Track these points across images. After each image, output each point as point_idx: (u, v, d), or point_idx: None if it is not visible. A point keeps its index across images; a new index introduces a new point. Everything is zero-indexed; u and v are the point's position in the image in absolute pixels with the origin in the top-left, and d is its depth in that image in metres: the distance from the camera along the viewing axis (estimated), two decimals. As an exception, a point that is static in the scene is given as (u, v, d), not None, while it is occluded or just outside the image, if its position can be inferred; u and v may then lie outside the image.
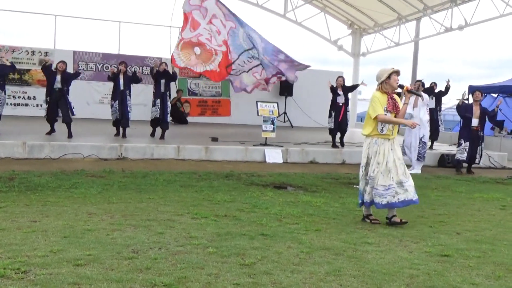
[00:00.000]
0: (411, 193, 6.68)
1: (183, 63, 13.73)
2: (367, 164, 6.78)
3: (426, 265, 5.00)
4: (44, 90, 13.38)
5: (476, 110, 12.37)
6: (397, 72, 6.74)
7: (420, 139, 12.26)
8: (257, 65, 13.88)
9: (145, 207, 6.91)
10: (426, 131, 12.36)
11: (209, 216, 6.51)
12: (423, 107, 12.15)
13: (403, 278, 4.59)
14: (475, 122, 12.37)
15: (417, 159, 12.33)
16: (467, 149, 12.39)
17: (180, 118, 19.23)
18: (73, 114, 12.56)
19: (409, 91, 6.91)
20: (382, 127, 6.71)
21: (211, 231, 5.83)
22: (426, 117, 12.33)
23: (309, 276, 4.52)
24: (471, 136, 12.37)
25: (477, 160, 12.70)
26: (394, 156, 6.71)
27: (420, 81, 13.49)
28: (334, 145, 13.86)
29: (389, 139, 6.74)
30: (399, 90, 7.02)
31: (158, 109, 13.34)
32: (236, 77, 14.21)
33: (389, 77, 6.69)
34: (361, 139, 7.72)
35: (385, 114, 6.66)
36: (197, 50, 13.97)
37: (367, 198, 6.79)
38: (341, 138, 14.08)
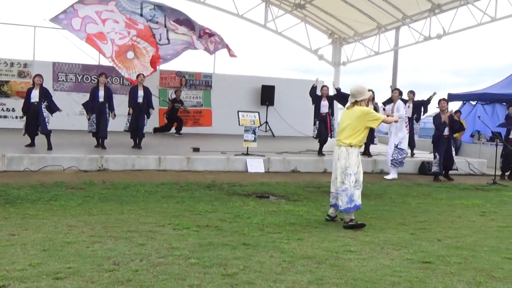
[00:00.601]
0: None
1: (134, 73, 14.12)
2: (359, 172, 7.19)
3: (408, 272, 5.02)
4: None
5: (444, 119, 12.56)
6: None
7: (396, 146, 12.47)
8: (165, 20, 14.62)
9: (126, 219, 6.85)
10: (402, 137, 12.53)
11: (190, 227, 6.48)
12: (402, 119, 12.32)
13: (385, 286, 4.60)
14: (446, 131, 12.58)
15: (391, 164, 12.53)
16: (439, 161, 12.61)
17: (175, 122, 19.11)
18: (45, 129, 12.38)
19: None
20: None
21: (192, 241, 5.80)
22: (405, 128, 12.68)
23: (291, 285, 4.51)
24: (445, 147, 12.63)
25: (455, 166, 12.89)
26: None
27: (397, 89, 13.52)
28: (320, 153, 13.90)
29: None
30: None
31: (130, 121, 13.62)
32: (167, 46, 14.59)
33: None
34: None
35: None
36: (130, 54, 14.27)
37: (360, 201, 7.17)
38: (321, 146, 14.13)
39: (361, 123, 7.16)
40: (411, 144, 15.18)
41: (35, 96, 12.35)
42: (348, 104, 7.42)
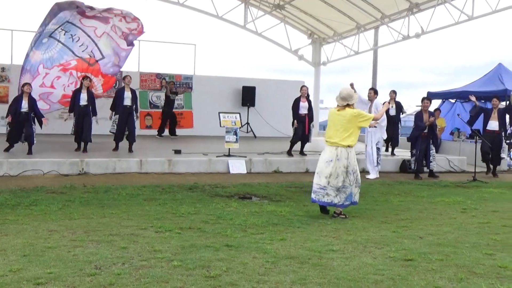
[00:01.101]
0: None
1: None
2: (357, 170, 7.75)
3: (390, 270, 5.04)
4: (2, 106, 13.08)
5: (427, 118, 12.73)
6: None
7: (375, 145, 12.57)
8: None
9: (108, 222, 6.80)
10: (380, 137, 12.63)
11: (173, 229, 6.45)
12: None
13: (368, 284, 4.61)
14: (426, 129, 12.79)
15: (377, 164, 12.62)
16: (420, 158, 12.80)
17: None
18: (32, 140, 12.31)
19: None
20: None
21: (175, 244, 5.77)
22: (384, 123, 12.78)
23: (275, 286, 4.51)
24: (423, 144, 12.81)
25: (432, 166, 13.01)
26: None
27: (372, 88, 13.55)
28: (289, 153, 13.90)
29: None
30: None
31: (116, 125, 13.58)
32: (104, 60, 14.56)
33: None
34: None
35: None
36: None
37: (357, 198, 7.81)
38: (302, 147, 14.09)
39: (354, 124, 7.61)
40: (394, 144, 15.37)
41: (24, 106, 12.28)
42: (337, 106, 7.75)
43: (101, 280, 4.50)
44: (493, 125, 13.03)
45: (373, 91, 13.06)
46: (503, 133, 13.53)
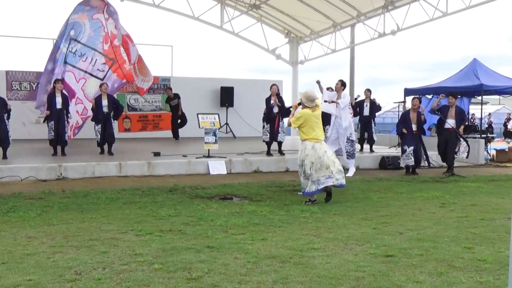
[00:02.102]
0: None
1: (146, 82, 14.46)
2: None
3: (371, 266, 5.07)
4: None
5: (414, 117, 12.82)
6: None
7: (348, 138, 12.46)
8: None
9: (88, 227, 6.74)
10: (352, 130, 12.64)
11: (153, 232, 6.42)
12: (345, 107, 12.40)
13: (349, 281, 4.64)
14: (414, 127, 12.88)
15: (348, 158, 12.54)
16: (412, 154, 12.79)
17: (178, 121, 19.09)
18: (8, 141, 12.27)
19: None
20: None
21: (156, 247, 5.74)
22: (349, 116, 12.66)
23: (256, 286, 4.51)
24: (415, 141, 12.83)
25: (424, 163, 13.08)
26: None
27: (340, 80, 13.45)
28: (268, 153, 13.90)
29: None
30: None
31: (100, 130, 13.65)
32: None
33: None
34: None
35: None
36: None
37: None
38: (279, 147, 14.05)
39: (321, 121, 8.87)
40: (371, 142, 15.46)
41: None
42: (311, 106, 8.70)
43: (82, 285, 4.46)
44: (450, 122, 13.02)
45: (340, 83, 12.84)
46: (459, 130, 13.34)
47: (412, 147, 12.79)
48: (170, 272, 4.84)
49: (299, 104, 8.96)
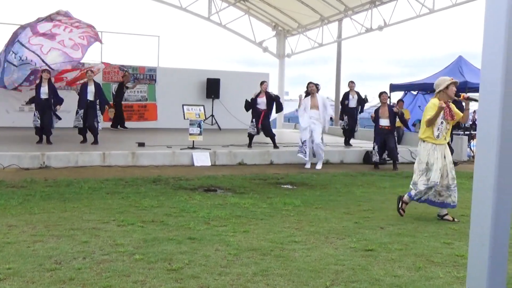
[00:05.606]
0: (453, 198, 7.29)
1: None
2: (428, 170, 7.25)
3: (351, 260, 5.12)
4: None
5: (385, 111, 12.88)
6: (454, 83, 7.16)
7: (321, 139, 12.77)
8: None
9: (69, 216, 6.72)
10: (326, 127, 13.03)
11: (135, 223, 6.42)
12: (327, 107, 12.79)
13: (328, 274, 4.67)
14: (385, 122, 12.95)
15: (320, 154, 12.78)
16: (378, 151, 13.03)
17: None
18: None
19: (468, 99, 7.12)
20: (438, 134, 7.22)
21: (137, 237, 5.74)
22: (329, 116, 13.19)
23: (236, 278, 4.53)
24: (384, 137, 12.96)
25: (384, 156, 13.18)
26: (447, 160, 7.28)
27: (316, 85, 13.45)
28: (249, 146, 13.97)
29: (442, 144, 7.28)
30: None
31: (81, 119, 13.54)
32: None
33: (447, 87, 7.10)
34: (290, 139, 7.89)
35: (442, 122, 7.17)
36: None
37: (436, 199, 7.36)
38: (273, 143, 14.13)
39: None
40: (351, 135, 15.59)
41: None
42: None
43: (61, 275, 4.45)
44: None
45: (314, 85, 12.86)
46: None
47: (379, 143, 12.98)
48: (151, 262, 4.85)
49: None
